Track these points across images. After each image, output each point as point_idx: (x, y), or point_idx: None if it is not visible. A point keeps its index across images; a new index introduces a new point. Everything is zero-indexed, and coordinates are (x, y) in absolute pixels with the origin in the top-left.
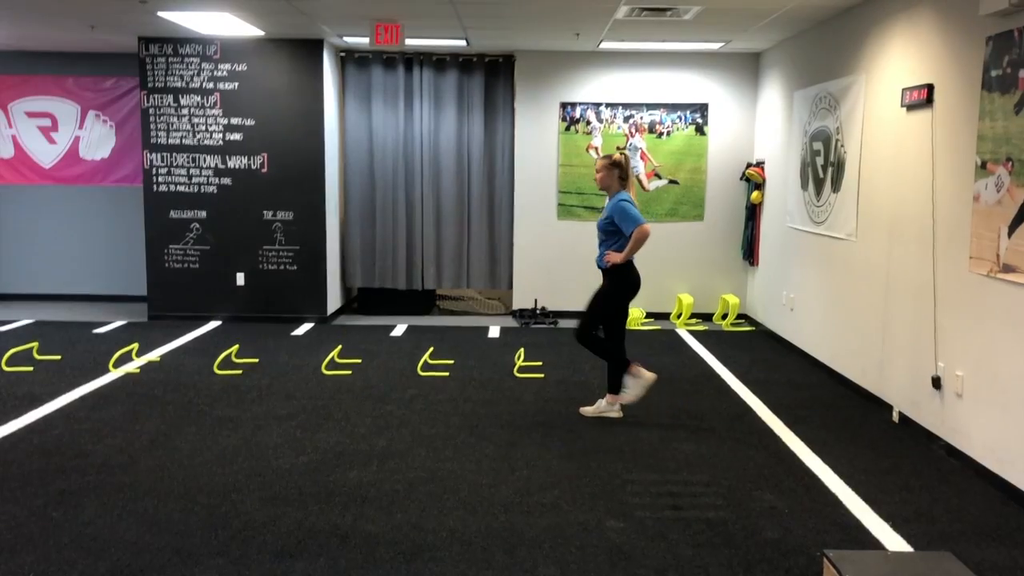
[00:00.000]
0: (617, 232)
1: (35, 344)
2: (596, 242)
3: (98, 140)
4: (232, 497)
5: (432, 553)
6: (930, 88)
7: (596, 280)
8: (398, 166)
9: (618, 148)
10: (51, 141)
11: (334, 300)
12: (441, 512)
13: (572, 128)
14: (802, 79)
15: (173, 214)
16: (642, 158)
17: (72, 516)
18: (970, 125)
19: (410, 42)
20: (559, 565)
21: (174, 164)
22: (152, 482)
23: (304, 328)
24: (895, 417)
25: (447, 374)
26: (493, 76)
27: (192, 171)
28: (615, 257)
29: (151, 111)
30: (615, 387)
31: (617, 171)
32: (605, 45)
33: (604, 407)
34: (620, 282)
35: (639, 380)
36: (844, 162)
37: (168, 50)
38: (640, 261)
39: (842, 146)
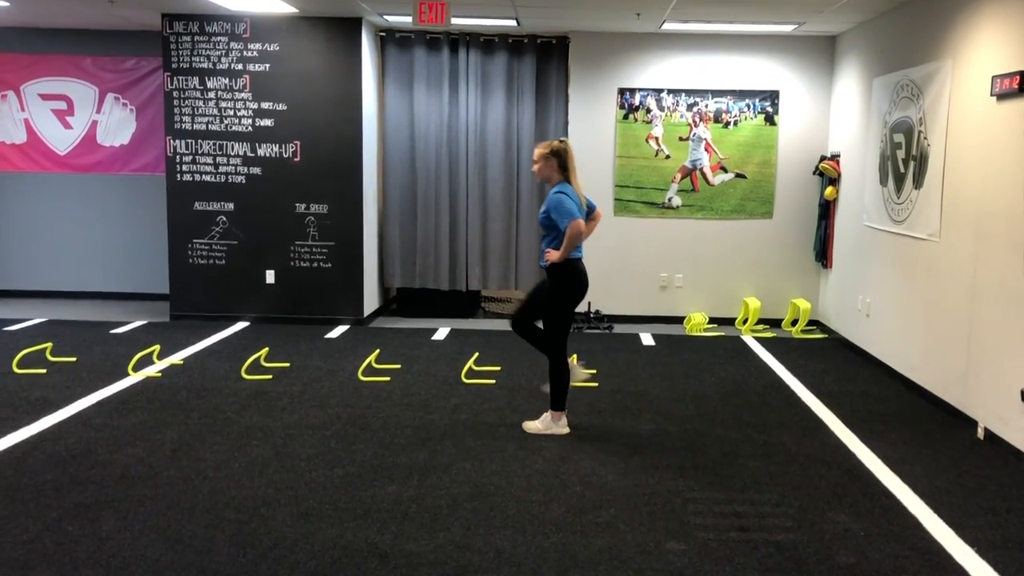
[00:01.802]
0: (556, 227)
1: (48, 345)
2: (657, 241)
3: (117, 125)
4: (261, 512)
5: (478, 575)
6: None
7: (655, 282)
8: (441, 156)
9: (560, 139)
10: (67, 126)
11: (371, 301)
12: (488, 531)
13: (631, 116)
14: (882, 65)
15: (198, 206)
16: (706, 150)
17: (89, 531)
18: None
19: (456, 21)
20: None
21: (199, 152)
22: (175, 495)
23: (339, 330)
24: (980, 433)
25: (493, 382)
26: (545, 59)
27: (219, 159)
28: (553, 255)
29: (175, 94)
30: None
31: (556, 160)
32: (668, 26)
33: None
34: (562, 283)
35: (552, 428)
36: (927, 156)
37: (194, 28)
38: (702, 261)
39: (925, 138)
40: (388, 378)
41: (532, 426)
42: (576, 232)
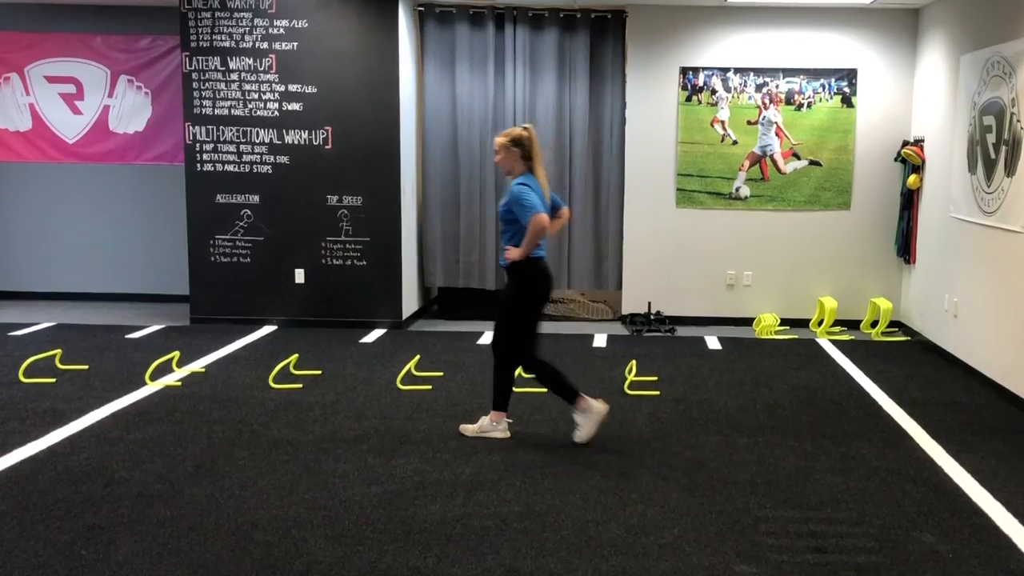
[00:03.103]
0: (518, 221)
1: (58, 352)
2: (723, 235)
3: (131, 110)
4: (292, 534)
5: None
6: None
7: (721, 280)
8: (486, 143)
9: (523, 126)
10: (76, 111)
11: (410, 302)
12: (540, 554)
13: (694, 98)
14: (970, 40)
15: (220, 199)
16: (777, 134)
17: (104, 555)
18: None
19: None
20: None
21: (221, 139)
22: (197, 516)
23: (375, 335)
24: None
25: (545, 390)
26: (600, 36)
27: (243, 147)
28: (513, 253)
29: (194, 76)
30: (501, 402)
31: (519, 150)
32: None
33: (487, 425)
34: (523, 282)
35: (589, 415)
36: (1020, 140)
37: (215, 3)
38: (773, 257)
39: (1018, 121)
40: (430, 386)
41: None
42: (539, 227)
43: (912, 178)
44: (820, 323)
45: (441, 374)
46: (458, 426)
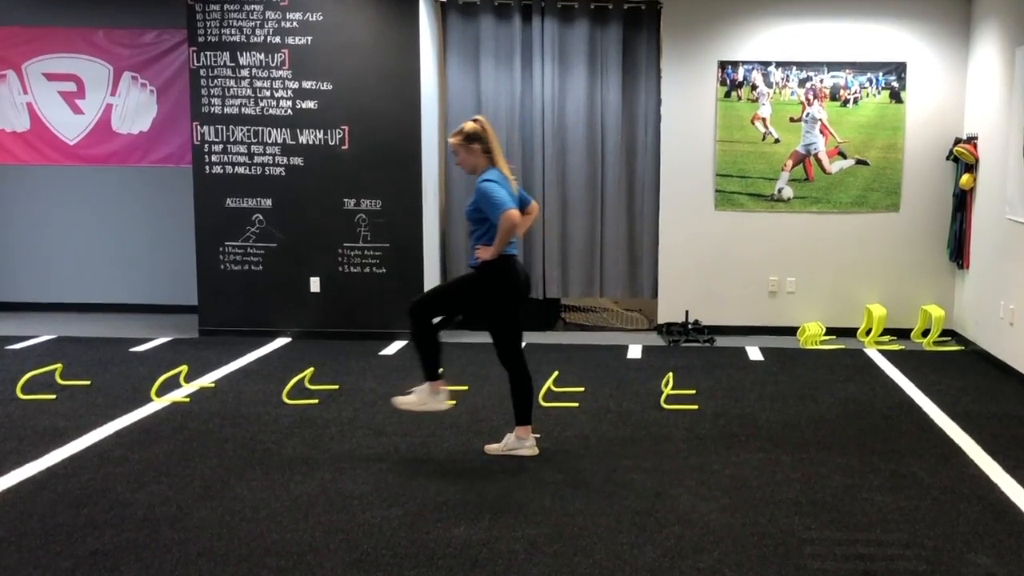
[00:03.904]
0: (487, 220)
1: (58, 366)
2: (765, 239)
3: (135, 109)
4: (308, 559)
5: None
6: None
7: (763, 287)
8: (513, 142)
9: (473, 119)
10: (76, 110)
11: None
12: None
13: (733, 94)
14: None
15: (230, 203)
16: (822, 132)
17: None
18: None
19: None
20: None
21: (231, 139)
22: (207, 540)
23: (396, 346)
24: None
25: (576, 404)
26: (634, 28)
27: (254, 148)
28: (485, 252)
29: (202, 72)
30: (524, 416)
31: (478, 144)
32: None
33: (513, 443)
34: (493, 285)
35: (432, 397)
36: None
37: None
38: (818, 262)
39: None
40: (453, 401)
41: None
42: (510, 224)
43: (965, 178)
44: (868, 332)
45: (465, 388)
46: (484, 444)
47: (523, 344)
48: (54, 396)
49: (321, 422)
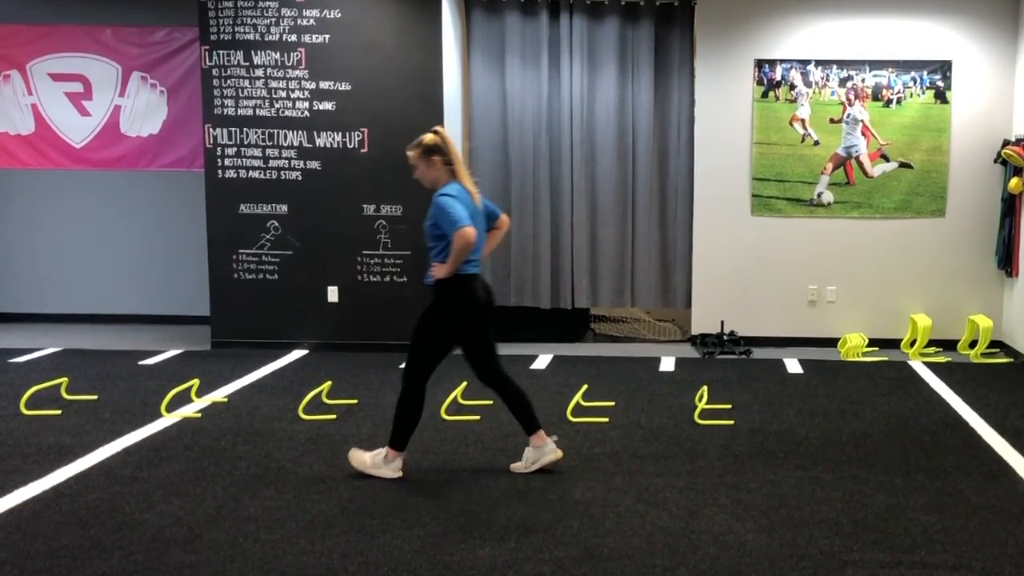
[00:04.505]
0: (446, 236)
1: (64, 380)
2: (804, 246)
3: (145, 111)
4: None
5: None
6: None
7: (802, 296)
8: (540, 145)
9: (433, 130)
10: (83, 112)
11: None
12: None
13: (771, 94)
14: None
15: (244, 208)
16: (863, 134)
17: None
18: None
19: None
20: None
21: (245, 142)
22: (220, 562)
23: None
24: None
25: (606, 420)
26: (666, 26)
27: (269, 152)
28: (439, 271)
29: (215, 72)
30: (529, 423)
31: (438, 157)
32: None
33: (533, 455)
34: (449, 303)
35: (389, 463)
36: None
37: None
38: (859, 270)
39: None
40: (478, 417)
41: (358, 459)
42: (464, 241)
43: (1014, 181)
44: (912, 343)
45: (491, 403)
46: (509, 462)
47: (499, 356)
48: (59, 411)
49: (339, 439)
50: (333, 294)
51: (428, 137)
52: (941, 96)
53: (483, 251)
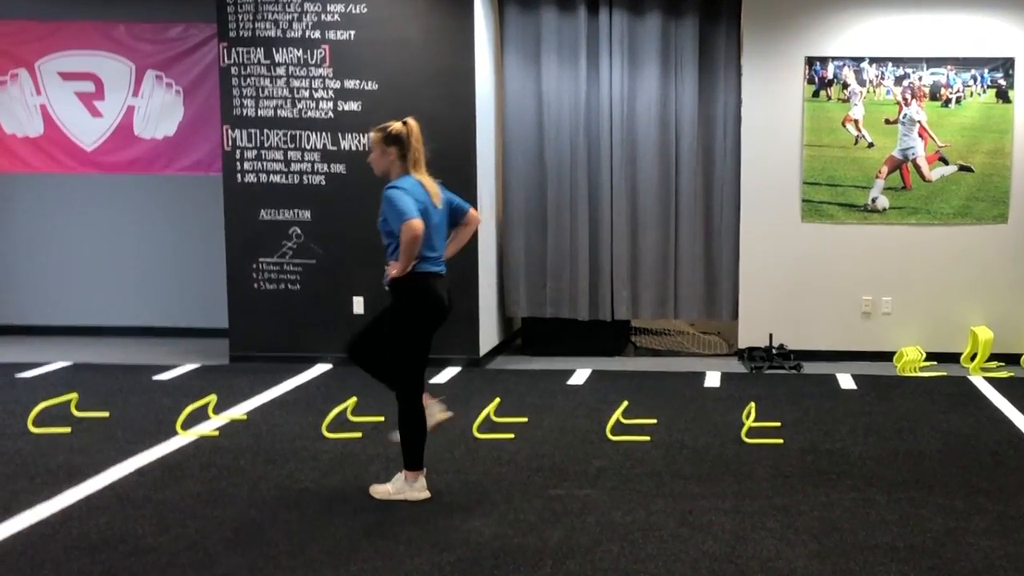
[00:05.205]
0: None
1: (73, 396)
2: (857, 254)
3: (160, 112)
4: None
5: None
6: None
7: (855, 307)
8: (578, 147)
9: (403, 120)
10: (95, 113)
11: (489, 335)
12: None
13: (822, 93)
14: None
15: (264, 215)
16: (921, 135)
17: None
18: None
19: None
20: None
21: (266, 145)
22: None
23: (448, 373)
24: None
25: (648, 438)
26: (712, 21)
27: (291, 155)
28: (393, 269)
29: (234, 71)
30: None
31: (395, 148)
32: None
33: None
34: (407, 304)
35: (409, 487)
36: None
37: None
38: (917, 279)
39: None
40: (512, 435)
41: (381, 490)
42: (411, 234)
43: None
44: (973, 358)
45: (525, 420)
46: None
47: (424, 375)
48: (69, 429)
49: (365, 458)
50: (359, 305)
51: (395, 126)
52: (1003, 95)
53: (446, 250)
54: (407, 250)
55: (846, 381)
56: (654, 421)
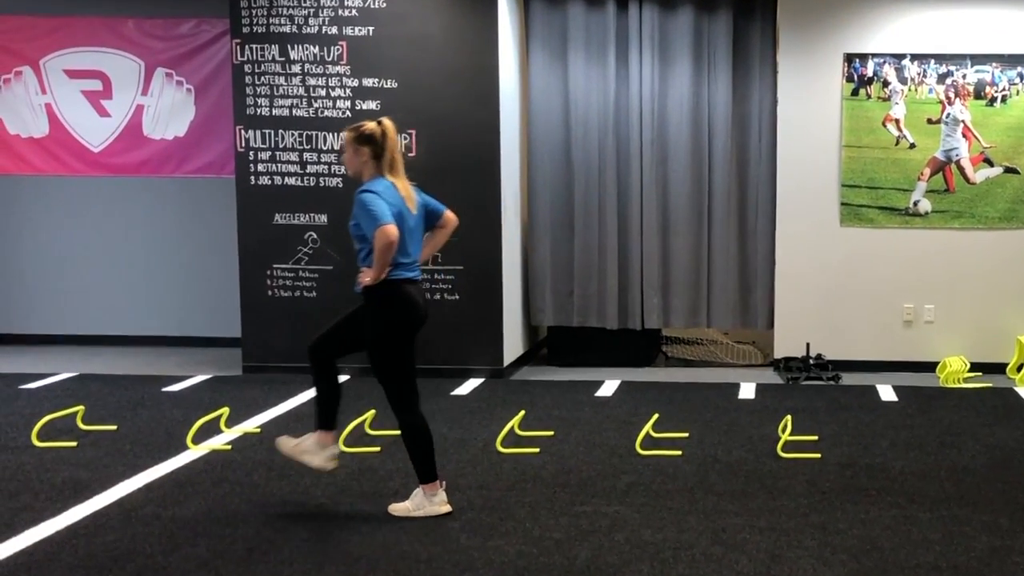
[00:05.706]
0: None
1: (80, 409)
2: (899, 260)
3: (170, 111)
4: None
5: None
6: None
7: (896, 316)
8: (606, 148)
9: (378, 120)
10: (102, 112)
11: (513, 345)
12: None
13: (862, 91)
14: None
15: (279, 219)
16: (965, 136)
17: None
18: None
19: None
20: None
21: (280, 146)
22: None
23: (470, 385)
24: None
25: (679, 453)
26: (746, 17)
27: (307, 156)
28: (366, 276)
29: (247, 68)
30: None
31: (368, 148)
32: None
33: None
34: (381, 312)
35: (432, 501)
36: None
37: None
38: (960, 286)
39: None
40: (537, 449)
41: (400, 508)
42: (385, 240)
43: None
44: (1020, 368)
45: (551, 434)
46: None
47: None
48: (75, 443)
49: (383, 473)
50: None
51: (369, 125)
52: None
53: (421, 255)
54: (381, 257)
55: (887, 393)
56: (686, 435)
